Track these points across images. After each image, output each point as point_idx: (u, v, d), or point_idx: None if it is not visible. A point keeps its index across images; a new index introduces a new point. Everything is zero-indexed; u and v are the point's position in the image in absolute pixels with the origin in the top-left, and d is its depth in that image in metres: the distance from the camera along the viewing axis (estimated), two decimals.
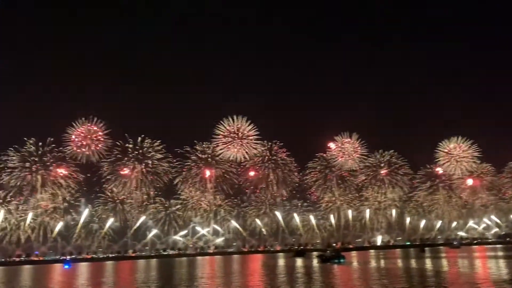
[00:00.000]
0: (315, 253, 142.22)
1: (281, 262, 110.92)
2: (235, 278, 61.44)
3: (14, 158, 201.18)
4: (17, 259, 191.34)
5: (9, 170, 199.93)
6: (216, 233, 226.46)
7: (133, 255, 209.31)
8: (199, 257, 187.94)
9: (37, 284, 67.33)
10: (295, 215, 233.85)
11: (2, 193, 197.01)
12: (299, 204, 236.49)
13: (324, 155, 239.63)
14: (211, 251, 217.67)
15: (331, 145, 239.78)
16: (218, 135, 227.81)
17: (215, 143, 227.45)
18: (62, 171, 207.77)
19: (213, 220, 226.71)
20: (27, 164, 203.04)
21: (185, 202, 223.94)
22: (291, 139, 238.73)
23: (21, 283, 69.14)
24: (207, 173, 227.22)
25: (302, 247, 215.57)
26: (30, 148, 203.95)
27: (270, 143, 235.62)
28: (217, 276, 66.63)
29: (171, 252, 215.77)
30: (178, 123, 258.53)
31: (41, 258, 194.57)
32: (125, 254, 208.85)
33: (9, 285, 66.86)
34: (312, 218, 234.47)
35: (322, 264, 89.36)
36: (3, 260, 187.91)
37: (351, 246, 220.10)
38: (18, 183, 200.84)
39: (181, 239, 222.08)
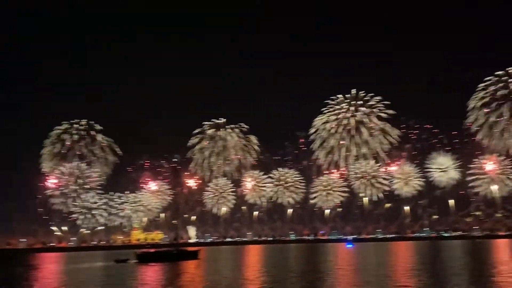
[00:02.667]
0: None
1: None
2: None
3: (289, 151, 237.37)
4: (307, 238, 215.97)
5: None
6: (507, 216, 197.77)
7: (412, 235, 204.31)
8: (486, 240, 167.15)
9: (333, 260, 73.03)
10: None
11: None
12: None
13: None
14: (503, 234, 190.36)
15: None
16: None
17: None
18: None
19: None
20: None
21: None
22: None
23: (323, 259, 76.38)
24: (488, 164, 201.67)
25: None
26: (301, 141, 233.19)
27: None
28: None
29: (453, 234, 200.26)
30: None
31: (325, 237, 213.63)
32: (403, 235, 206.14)
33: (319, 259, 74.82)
34: None
35: None
36: (296, 238, 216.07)
37: None
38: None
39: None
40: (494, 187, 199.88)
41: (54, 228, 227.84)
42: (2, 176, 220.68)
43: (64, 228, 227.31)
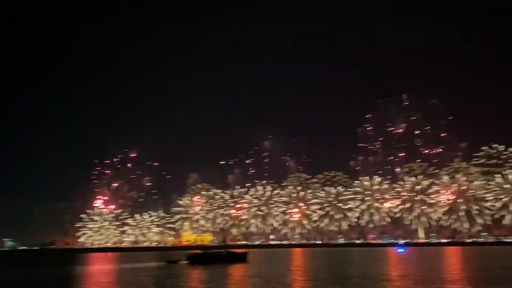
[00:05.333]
0: None
1: None
2: None
3: None
4: (356, 241, 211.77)
5: None
6: None
7: (469, 241, 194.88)
8: None
9: (380, 265, 71.70)
10: None
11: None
12: None
13: None
14: None
15: None
16: None
17: None
18: None
19: None
20: None
21: None
22: None
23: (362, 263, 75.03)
24: None
25: None
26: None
27: None
28: None
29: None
30: None
31: (376, 241, 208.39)
32: (458, 240, 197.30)
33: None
34: None
35: None
36: (345, 242, 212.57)
37: None
38: None
39: None
40: None
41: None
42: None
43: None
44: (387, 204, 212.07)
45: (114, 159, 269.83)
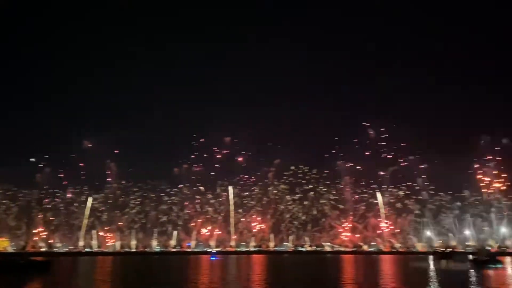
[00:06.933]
0: (469, 257, 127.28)
1: (422, 265, 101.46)
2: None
3: None
4: (172, 249, 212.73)
5: None
6: None
7: (272, 250, 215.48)
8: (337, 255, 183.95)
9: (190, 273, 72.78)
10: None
11: None
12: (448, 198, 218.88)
13: None
14: (349, 250, 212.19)
15: None
16: None
17: None
18: None
19: None
20: None
21: None
22: None
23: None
24: None
25: (451, 249, 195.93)
26: None
27: None
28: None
29: (308, 248, 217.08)
30: None
31: (191, 249, 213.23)
32: (264, 248, 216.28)
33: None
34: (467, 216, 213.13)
35: (475, 269, 79.22)
36: (161, 250, 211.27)
37: (511, 250, 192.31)
38: None
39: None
40: None
41: None
42: None
43: None
44: (204, 230, 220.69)
45: None
